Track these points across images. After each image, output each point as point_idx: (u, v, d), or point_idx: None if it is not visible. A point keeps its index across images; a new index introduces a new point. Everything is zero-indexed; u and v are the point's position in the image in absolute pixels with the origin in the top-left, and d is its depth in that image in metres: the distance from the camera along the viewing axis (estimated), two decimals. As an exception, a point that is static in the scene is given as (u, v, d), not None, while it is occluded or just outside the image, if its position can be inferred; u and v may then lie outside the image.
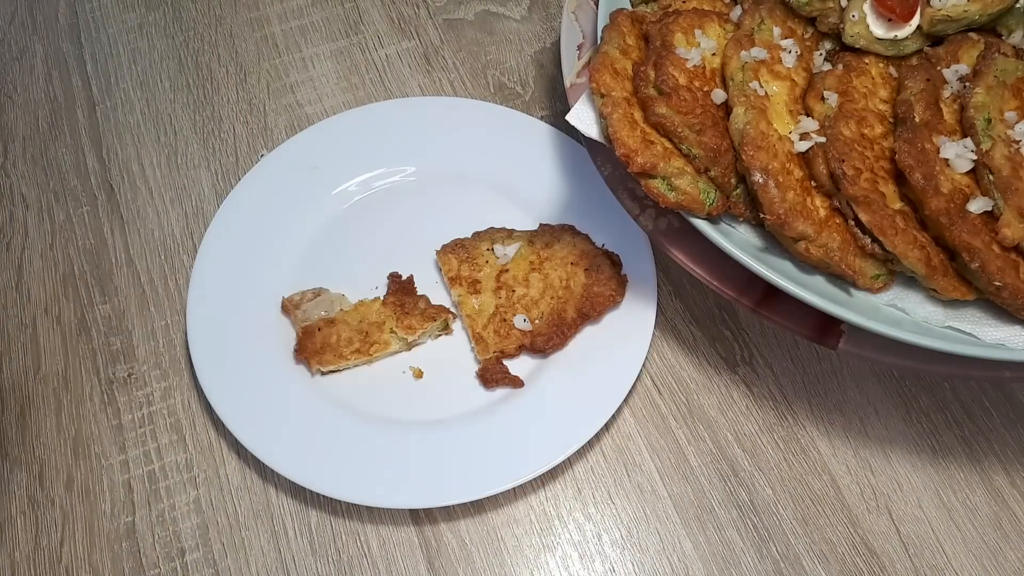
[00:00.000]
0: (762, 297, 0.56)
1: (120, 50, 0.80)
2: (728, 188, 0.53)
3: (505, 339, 0.61)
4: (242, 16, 0.82)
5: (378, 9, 0.83)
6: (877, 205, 0.50)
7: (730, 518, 0.58)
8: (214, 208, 0.70)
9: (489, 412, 0.60)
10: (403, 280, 0.65)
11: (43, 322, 0.66)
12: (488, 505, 0.59)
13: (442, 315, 0.63)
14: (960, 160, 0.51)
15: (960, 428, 0.62)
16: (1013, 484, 0.60)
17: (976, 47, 0.57)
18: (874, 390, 0.63)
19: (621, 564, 0.57)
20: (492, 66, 0.79)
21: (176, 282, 0.67)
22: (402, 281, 0.65)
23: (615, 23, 0.58)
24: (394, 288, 0.64)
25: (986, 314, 0.53)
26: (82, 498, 0.59)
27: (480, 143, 0.71)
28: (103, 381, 0.63)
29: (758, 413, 0.62)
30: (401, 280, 0.65)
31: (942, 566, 0.57)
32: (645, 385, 0.63)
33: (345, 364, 0.61)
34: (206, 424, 0.62)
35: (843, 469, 0.60)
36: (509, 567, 0.57)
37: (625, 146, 0.51)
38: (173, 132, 0.75)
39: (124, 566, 0.57)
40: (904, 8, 0.55)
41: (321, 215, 0.68)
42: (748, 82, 0.53)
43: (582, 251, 0.64)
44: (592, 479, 0.60)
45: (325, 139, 0.71)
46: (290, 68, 0.79)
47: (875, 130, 0.54)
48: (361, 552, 0.57)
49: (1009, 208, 0.50)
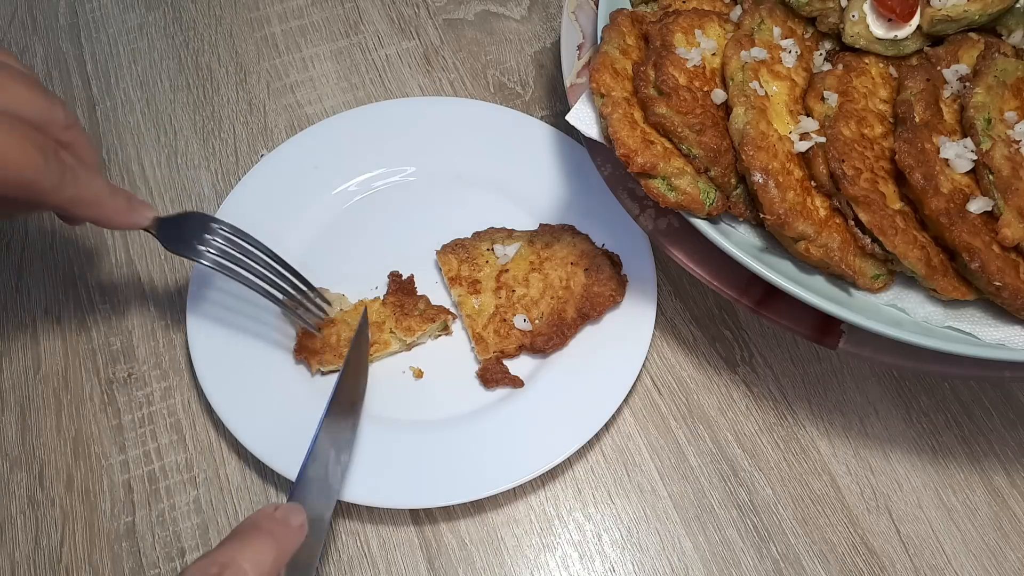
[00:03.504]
0: (762, 297, 0.56)
1: (120, 50, 0.80)
2: (728, 188, 0.53)
3: (505, 339, 0.61)
4: (242, 16, 0.82)
5: (378, 9, 0.83)
6: (877, 205, 0.51)
7: (730, 518, 0.58)
8: (214, 208, 0.70)
9: (489, 412, 0.60)
10: (403, 280, 0.65)
11: (43, 322, 0.66)
12: (488, 505, 0.59)
13: (441, 316, 0.63)
14: (960, 160, 0.51)
15: (960, 428, 0.62)
16: (1013, 484, 0.60)
17: (976, 47, 0.57)
18: (874, 390, 0.63)
19: (621, 564, 0.57)
20: (492, 66, 0.79)
21: (176, 282, 0.67)
22: (402, 281, 0.65)
23: (615, 23, 0.58)
24: (394, 288, 0.64)
25: (986, 314, 0.53)
26: (82, 498, 0.59)
27: (480, 143, 0.71)
28: (103, 381, 0.63)
29: (758, 413, 0.62)
30: (401, 280, 0.65)
31: (942, 566, 0.57)
32: (645, 385, 0.63)
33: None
34: (206, 424, 0.62)
35: (843, 469, 0.60)
36: (509, 567, 0.57)
37: (625, 146, 0.51)
38: (173, 132, 0.75)
39: (124, 566, 0.57)
40: (904, 8, 0.55)
41: (321, 215, 0.68)
42: (748, 82, 0.53)
43: (582, 251, 0.64)
44: (592, 479, 0.60)
45: (325, 139, 0.71)
46: (290, 68, 0.79)
47: (875, 130, 0.54)
48: (361, 552, 0.57)
49: (1009, 208, 0.50)
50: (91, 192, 0.49)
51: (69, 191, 0.47)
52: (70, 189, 0.47)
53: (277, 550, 0.43)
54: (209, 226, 0.56)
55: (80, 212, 0.49)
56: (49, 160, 0.45)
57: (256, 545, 0.42)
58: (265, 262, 0.58)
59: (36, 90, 0.47)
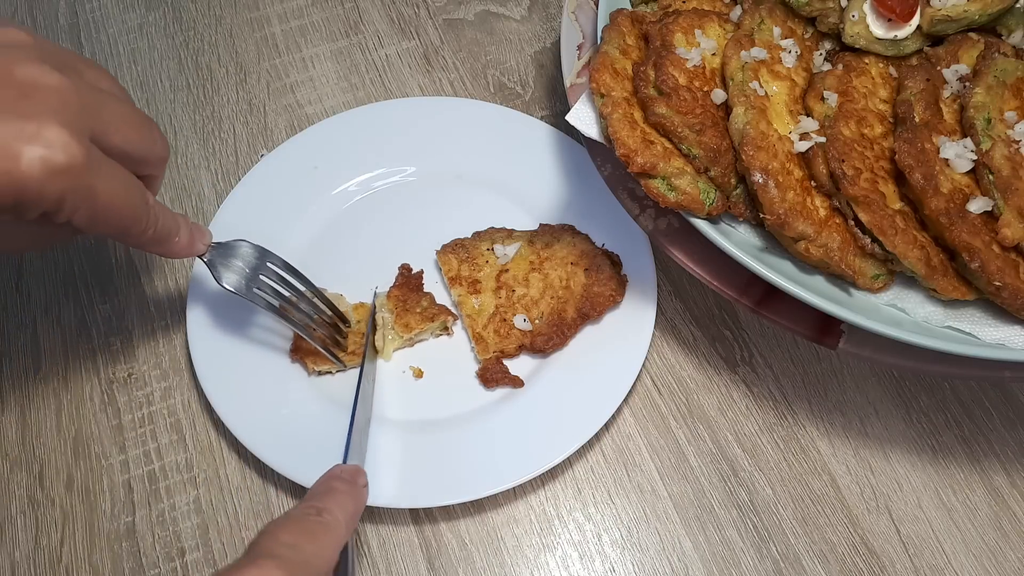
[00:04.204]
0: (762, 297, 0.56)
1: (120, 50, 0.80)
2: (728, 188, 0.53)
3: (505, 339, 0.61)
4: (242, 16, 0.82)
5: (378, 9, 0.83)
6: (877, 205, 0.51)
7: (730, 518, 0.58)
8: (214, 208, 0.70)
9: (489, 412, 0.60)
10: (411, 275, 0.65)
11: (43, 322, 0.66)
12: (488, 505, 0.59)
13: (441, 316, 0.63)
14: (960, 160, 0.51)
15: (960, 428, 0.62)
16: (1013, 484, 0.60)
17: (976, 47, 0.57)
18: (874, 390, 0.63)
19: (621, 564, 0.57)
20: (492, 66, 0.79)
21: (176, 282, 0.67)
22: (410, 275, 0.65)
23: (615, 23, 0.58)
24: (401, 281, 0.64)
25: (986, 314, 0.53)
26: (82, 498, 0.59)
27: (480, 143, 0.71)
28: (103, 381, 0.63)
29: (758, 413, 0.62)
30: (410, 274, 0.65)
31: (942, 566, 0.57)
32: (645, 385, 0.63)
33: (340, 366, 0.61)
34: (206, 424, 0.62)
35: (843, 469, 0.60)
36: (509, 567, 0.57)
37: (625, 146, 0.51)
38: (173, 132, 0.75)
39: (124, 566, 0.57)
40: (904, 8, 0.55)
41: (321, 215, 0.68)
42: (748, 82, 0.53)
43: (582, 251, 0.64)
44: (592, 479, 0.60)
45: (325, 139, 0.71)
46: (290, 68, 0.79)
47: (875, 130, 0.54)
48: (361, 552, 0.57)
49: (1009, 208, 0.50)
50: (165, 229, 0.49)
51: (151, 231, 0.47)
52: (151, 229, 0.47)
53: (355, 503, 0.48)
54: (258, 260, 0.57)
55: (150, 248, 0.49)
56: (143, 203, 0.45)
57: (340, 497, 0.47)
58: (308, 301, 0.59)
59: (140, 126, 0.46)
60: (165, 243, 0.50)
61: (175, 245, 0.51)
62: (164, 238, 0.49)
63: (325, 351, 0.59)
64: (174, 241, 0.50)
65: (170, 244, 0.50)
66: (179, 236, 0.51)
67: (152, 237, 0.47)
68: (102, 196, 0.42)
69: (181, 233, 0.51)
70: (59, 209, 0.41)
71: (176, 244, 0.51)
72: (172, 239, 0.50)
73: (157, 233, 0.48)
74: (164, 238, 0.49)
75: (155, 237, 0.48)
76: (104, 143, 0.43)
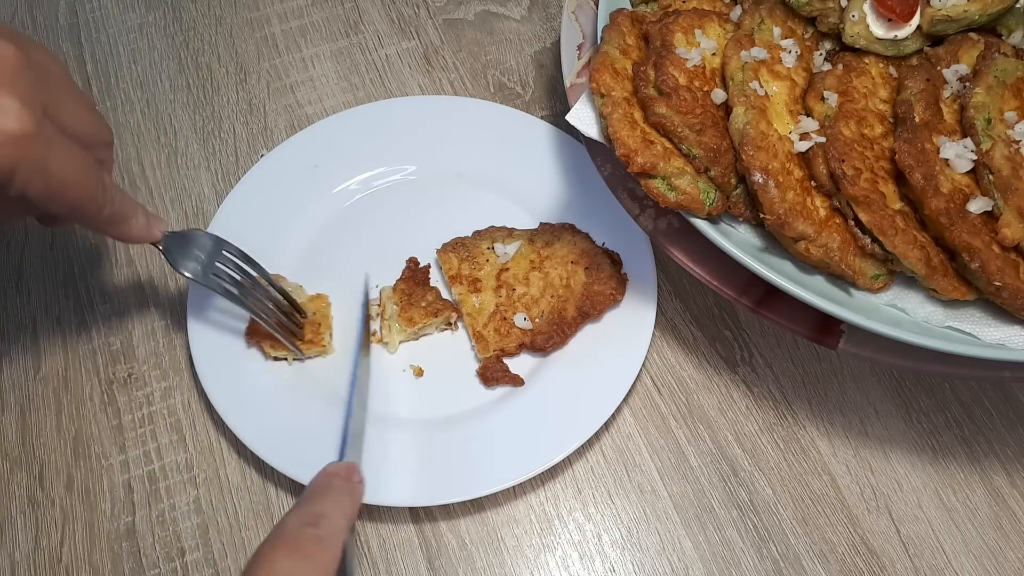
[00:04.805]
0: (762, 297, 0.56)
1: (120, 50, 0.80)
2: (728, 188, 0.53)
3: (505, 338, 0.61)
4: (242, 16, 0.82)
5: (378, 9, 0.83)
6: (877, 205, 0.51)
7: (730, 518, 0.58)
8: (214, 208, 0.70)
9: (489, 411, 0.60)
10: (418, 268, 0.65)
11: (43, 322, 0.66)
12: (488, 504, 0.59)
13: (445, 312, 0.63)
14: (960, 160, 0.51)
15: (960, 428, 0.62)
16: (1013, 484, 0.60)
17: (976, 47, 0.57)
18: (874, 390, 0.63)
19: (621, 564, 0.57)
20: (492, 66, 0.79)
21: (176, 282, 0.67)
22: (417, 269, 0.65)
23: (615, 23, 0.58)
24: (407, 275, 0.64)
25: (986, 314, 0.53)
26: (82, 498, 0.59)
27: (480, 143, 0.71)
28: (103, 381, 0.63)
29: (758, 413, 0.62)
30: (417, 268, 0.65)
31: (942, 566, 0.57)
32: (645, 385, 0.63)
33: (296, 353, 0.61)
34: (206, 424, 0.62)
35: (843, 469, 0.60)
36: (509, 567, 0.57)
37: (625, 146, 0.51)
38: (173, 132, 0.75)
39: (124, 566, 0.57)
40: (904, 8, 0.55)
41: (321, 214, 0.68)
42: (748, 82, 0.53)
43: (582, 250, 0.64)
44: (592, 479, 0.60)
45: (325, 138, 0.71)
46: (290, 68, 0.79)
47: (875, 130, 0.54)
48: (361, 552, 0.57)
49: (1009, 208, 0.50)
50: (122, 211, 0.49)
51: (107, 211, 0.47)
52: (107, 209, 0.47)
53: (352, 502, 0.48)
54: (214, 247, 0.57)
55: (107, 229, 0.49)
56: (98, 182, 0.46)
57: (337, 497, 0.47)
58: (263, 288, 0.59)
59: (89, 108, 0.47)
60: (121, 224, 0.50)
61: (131, 228, 0.51)
62: (120, 219, 0.49)
63: (281, 336, 0.59)
64: (131, 223, 0.51)
65: (127, 226, 0.50)
66: (135, 219, 0.51)
67: (108, 217, 0.48)
68: (56, 170, 0.42)
69: (138, 217, 0.51)
70: (10, 179, 0.40)
71: (132, 227, 0.51)
72: (128, 221, 0.50)
73: (113, 213, 0.48)
74: (120, 219, 0.49)
75: (111, 217, 0.48)
76: (55, 120, 0.43)
